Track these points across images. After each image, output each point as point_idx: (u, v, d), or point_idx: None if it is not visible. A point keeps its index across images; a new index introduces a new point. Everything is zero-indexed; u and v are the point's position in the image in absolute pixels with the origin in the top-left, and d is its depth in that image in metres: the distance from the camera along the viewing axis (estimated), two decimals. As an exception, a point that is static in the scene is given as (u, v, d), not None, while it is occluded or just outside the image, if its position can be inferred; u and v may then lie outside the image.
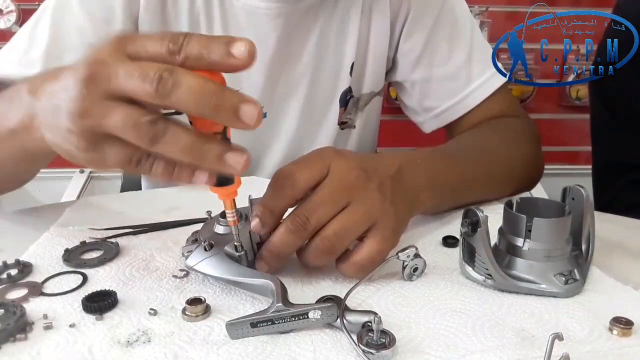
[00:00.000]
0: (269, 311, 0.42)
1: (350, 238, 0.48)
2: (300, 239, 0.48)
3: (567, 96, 2.14)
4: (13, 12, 1.94)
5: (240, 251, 0.48)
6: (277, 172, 0.49)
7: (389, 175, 0.51)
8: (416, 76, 0.83)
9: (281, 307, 0.42)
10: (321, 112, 0.84)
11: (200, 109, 0.37)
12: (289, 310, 0.42)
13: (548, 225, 0.47)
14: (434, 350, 0.41)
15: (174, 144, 0.38)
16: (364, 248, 0.48)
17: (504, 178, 0.69)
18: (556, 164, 2.16)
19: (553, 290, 0.47)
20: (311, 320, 0.42)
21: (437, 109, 0.83)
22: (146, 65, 0.37)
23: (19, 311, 0.44)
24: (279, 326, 0.42)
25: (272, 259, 0.49)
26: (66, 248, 0.55)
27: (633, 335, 0.42)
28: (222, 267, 0.47)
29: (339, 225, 0.47)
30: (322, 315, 0.42)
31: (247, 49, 0.37)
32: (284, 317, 0.42)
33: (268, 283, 0.45)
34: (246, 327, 0.42)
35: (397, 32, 0.82)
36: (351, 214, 0.47)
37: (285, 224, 0.47)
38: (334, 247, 0.48)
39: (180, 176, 0.41)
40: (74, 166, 2.16)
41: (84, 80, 0.38)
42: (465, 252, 0.50)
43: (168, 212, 0.65)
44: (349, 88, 0.84)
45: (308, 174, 0.48)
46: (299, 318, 0.42)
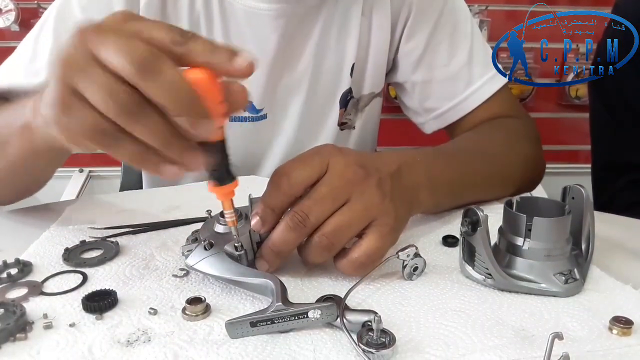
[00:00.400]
0: (269, 310, 0.42)
1: (348, 235, 0.48)
2: (299, 236, 0.48)
3: (567, 95, 2.14)
4: (12, 10, 1.94)
5: (240, 250, 0.48)
6: (275, 170, 0.49)
7: (388, 173, 0.51)
8: (417, 77, 0.84)
9: (281, 307, 0.42)
10: (321, 113, 0.84)
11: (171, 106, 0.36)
12: (288, 310, 0.42)
13: (548, 224, 0.47)
14: (433, 349, 0.41)
15: (146, 125, 0.37)
16: (362, 245, 0.48)
17: (504, 178, 0.69)
18: (556, 163, 2.17)
19: (553, 289, 0.47)
20: (311, 319, 0.42)
21: (438, 110, 0.83)
22: (137, 44, 0.36)
23: (18, 310, 0.43)
24: (279, 325, 0.42)
25: (272, 257, 0.49)
26: (66, 247, 0.55)
27: (633, 335, 0.42)
28: (221, 267, 0.47)
29: (338, 222, 0.47)
30: (321, 314, 0.42)
31: (247, 65, 0.38)
32: (283, 316, 0.41)
33: (268, 282, 0.45)
34: (246, 326, 0.42)
35: (397, 33, 0.82)
36: (350, 210, 0.47)
37: (285, 221, 0.47)
38: (333, 244, 0.48)
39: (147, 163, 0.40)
40: (73, 165, 2.16)
41: (77, 34, 0.38)
42: (465, 251, 0.50)
43: (168, 211, 0.65)
44: (349, 89, 0.84)
45: (306, 171, 0.48)
46: (298, 317, 0.42)
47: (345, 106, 0.85)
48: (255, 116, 0.81)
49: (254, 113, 0.81)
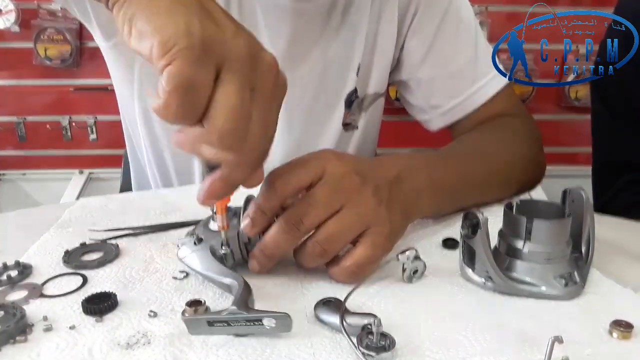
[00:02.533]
0: (224, 312, 0.42)
1: (341, 242, 0.48)
2: (292, 240, 0.48)
3: (566, 97, 2.14)
4: (12, 11, 1.94)
5: (226, 250, 0.48)
6: (270, 171, 0.49)
7: (386, 180, 0.51)
8: (422, 74, 0.84)
9: (235, 310, 0.41)
10: (326, 113, 0.85)
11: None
12: (242, 314, 0.41)
13: (548, 227, 0.47)
14: (433, 352, 0.41)
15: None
16: (354, 253, 0.48)
17: (504, 180, 0.69)
18: (555, 165, 2.16)
19: (553, 292, 0.47)
20: (265, 327, 0.41)
21: (444, 106, 0.83)
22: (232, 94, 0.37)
23: (18, 313, 0.43)
24: (235, 328, 0.42)
25: (264, 259, 0.49)
26: (66, 249, 0.55)
27: (633, 339, 0.42)
28: (202, 262, 0.48)
29: (331, 229, 0.47)
30: (276, 323, 0.41)
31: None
32: (238, 320, 0.41)
33: (233, 282, 0.45)
34: (203, 324, 0.42)
35: (403, 31, 0.83)
36: (343, 218, 0.47)
37: (279, 223, 0.47)
38: (326, 251, 0.48)
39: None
40: (73, 167, 2.17)
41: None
42: (465, 254, 0.50)
43: (168, 213, 0.65)
44: (355, 89, 0.84)
45: (300, 174, 0.48)
46: (253, 323, 0.41)
47: (350, 107, 0.86)
48: None
49: None
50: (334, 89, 0.83)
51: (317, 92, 0.82)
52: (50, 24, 1.98)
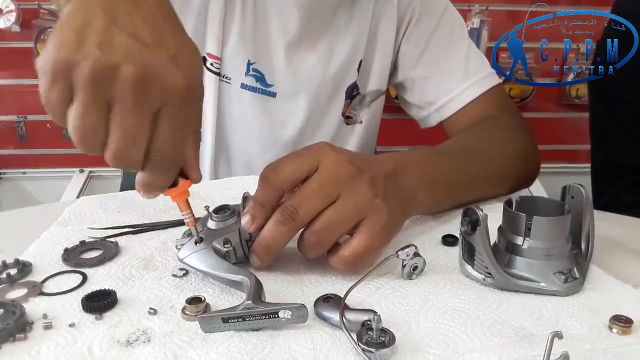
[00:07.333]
0: (239, 308, 0.42)
1: (337, 232, 0.48)
2: (289, 231, 0.48)
3: (567, 94, 2.14)
4: (13, 11, 1.94)
5: (228, 247, 0.48)
6: (266, 165, 0.49)
7: (382, 173, 0.51)
8: (416, 73, 0.88)
9: (250, 305, 0.42)
10: (327, 102, 0.89)
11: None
12: (258, 308, 0.41)
13: (548, 223, 0.47)
14: (433, 348, 0.41)
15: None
16: (352, 243, 0.48)
17: (501, 175, 0.70)
18: (556, 162, 2.16)
19: (553, 288, 0.47)
20: (281, 319, 0.41)
21: (437, 102, 0.87)
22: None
23: (18, 311, 0.43)
24: (250, 323, 0.42)
25: (263, 252, 0.49)
26: (66, 247, 0.55)
27: (633, 334, 0.42)
28: (206, 262, 0.48)
29: (326, 219, 0.47)
30: (292, 315, 0.41)
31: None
32: (254, 314, 0.41)
33: (244, 279, 0.45)
34: (218, 322, 0.42)
35: (399, 37, 0.89)
36: (339, 207, 0.47)
37: (275, 215, 0.48)
38: (322, 241, 0.48)
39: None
40: (73, 166, 2.17)
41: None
42: (465, 250, 0.50)
43: (167, 211, 0.65)
44: (355, 84, 0.89)
45: (295, 166, 0.48)
46: (269, 317, 0.41)
47: (351, 99, 0.90)
48: (264, 89, 0.84)
49: (264, 86, 0.84)
50: (335, 79, 0.87)
51: (319, 80, 0.86)
52: (51, 24, 1.98)
